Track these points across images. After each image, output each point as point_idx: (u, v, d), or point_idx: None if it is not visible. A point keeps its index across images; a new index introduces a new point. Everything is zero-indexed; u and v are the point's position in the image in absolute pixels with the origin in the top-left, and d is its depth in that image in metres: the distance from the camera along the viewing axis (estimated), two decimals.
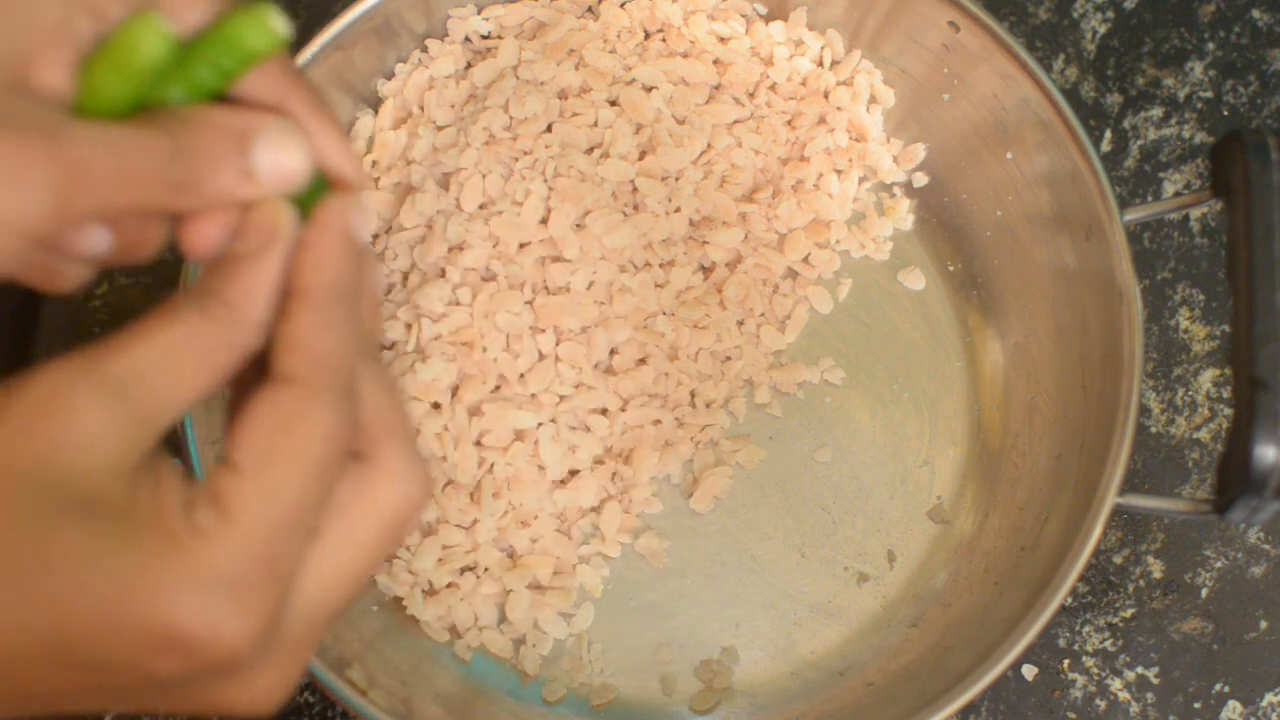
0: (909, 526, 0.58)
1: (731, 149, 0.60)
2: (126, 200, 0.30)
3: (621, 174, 0.58)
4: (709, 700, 0.56)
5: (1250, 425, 0.44)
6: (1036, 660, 0.59)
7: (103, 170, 0.30)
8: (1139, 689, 0.58)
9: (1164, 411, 0.62)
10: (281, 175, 0.32)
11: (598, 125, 0.59)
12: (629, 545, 0.57)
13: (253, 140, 0.32)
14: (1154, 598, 0.59)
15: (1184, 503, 0.50)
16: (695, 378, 0.58)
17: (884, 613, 0.57)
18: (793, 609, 0.57)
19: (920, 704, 0.50)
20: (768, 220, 0.59)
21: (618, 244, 0.57)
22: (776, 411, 0.59)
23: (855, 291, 0.61)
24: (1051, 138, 0.55)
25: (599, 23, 0.60)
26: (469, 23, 0.60)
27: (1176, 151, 0.65)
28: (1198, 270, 0.63)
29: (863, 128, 0.61)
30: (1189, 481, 0.61)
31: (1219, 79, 0.66)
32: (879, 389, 0.60)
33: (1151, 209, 0.54)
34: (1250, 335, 0.45)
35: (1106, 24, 0.67)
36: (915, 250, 0.62)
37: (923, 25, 0.58)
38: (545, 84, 0.59)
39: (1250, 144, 0.47)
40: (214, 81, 0.32)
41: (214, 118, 0.32)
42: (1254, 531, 0.60)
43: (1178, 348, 0.62)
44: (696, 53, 0.60)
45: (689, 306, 0.58)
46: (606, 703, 0.56)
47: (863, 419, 0.60)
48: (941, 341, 0.61)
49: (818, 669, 0.56)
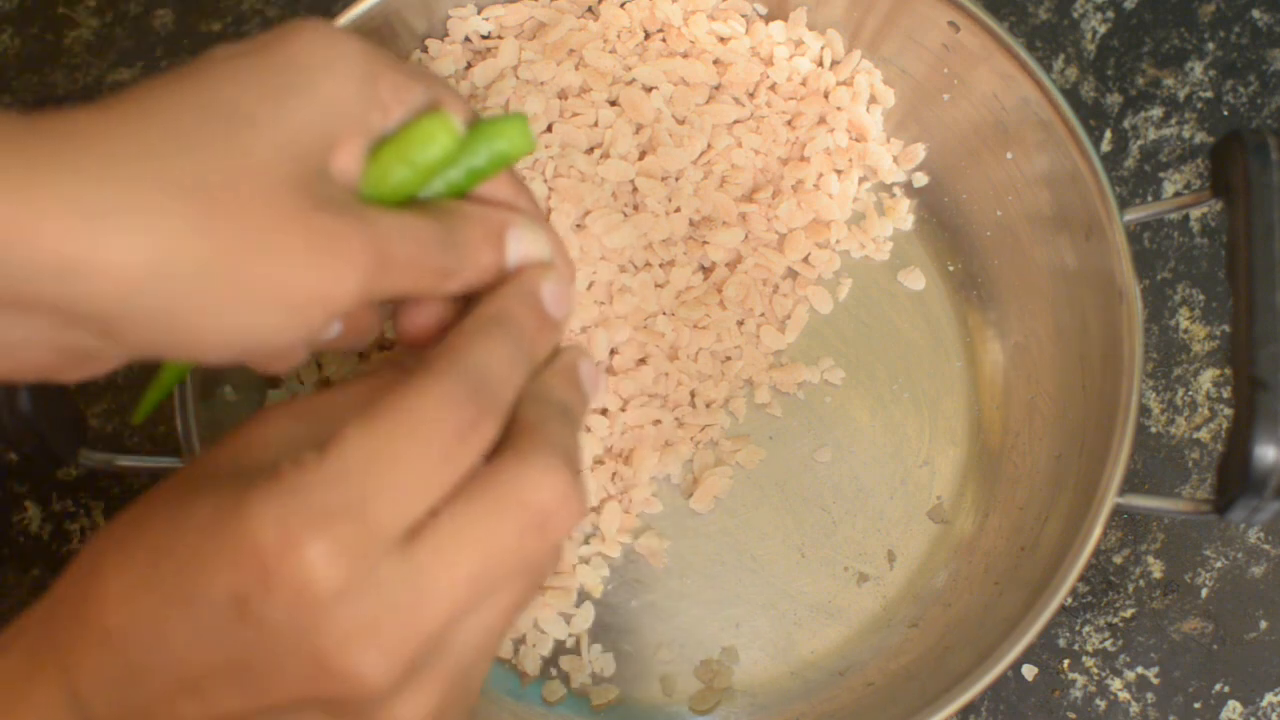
0: (909, 526, 0.58)
1: (731, 149, 0.60)
2: (410, 284, 0.33)
3: (621, 174, 0.58)
4: (709, 700, 0.56)
5: (1250, 425, 0.44)
6: (1036, 660, 0.59)
7: (401, 255, 0.33)
8: (1139, 689, 0.58)
9: (1164, 411, 0.62)
10: (529, 262, 0.36)
11: (598, 125, 0.59)
12: (629, 545, 0.57)
13: (508, 233, 0.36)
14: (1154, 598, 0.59)
15: (1184, 503, 0.50)
16: (695, 378, 0.58)
17: (884, 613, 0.57)
18: (793, 609, 0.57)
19: (920, 704, 0.50)
20: (768, 220, 0.59)
21: (618, 244, 0.57)
22: (776, 411, 0.59)
23: (855, 291, 0.61)
24: (1051, 138, 0.55)
25: (599, 23, 0.60)
26: (469, 23, 0.60)
27: (1176, 151, 0.65)
28: (1198, 270, 0.63)
29: (863, 128, 0.61)
30: (1189, 481, 0.61)
31: (1219, 79, 0.66)
32: (879, 389, 0.60)
33: (1151, 209, 0.54)
34: (1250, 335, 0.45)
35: (1106, 24, 0.67)
36: (915, 250, 0.62)
37: (923, 25, 0.58)
38: (545, 84, 0.59)
39: (1250, 144, 0.47)
40: (464, 182, 0.36)
41: (473, 212, 0.36)
42: (1254, 531, 0.60)
43: (1178, 348, 0.62)
44: (696, 53, 0.60)
45: (689, 306, 0.58)
46: (606, 703, 0.56)
47: (863, 419, 0.60)
48: (941, 341, 0.61)
49: (818, 669, 0.56)
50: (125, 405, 0.60)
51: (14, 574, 0.58)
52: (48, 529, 0.59)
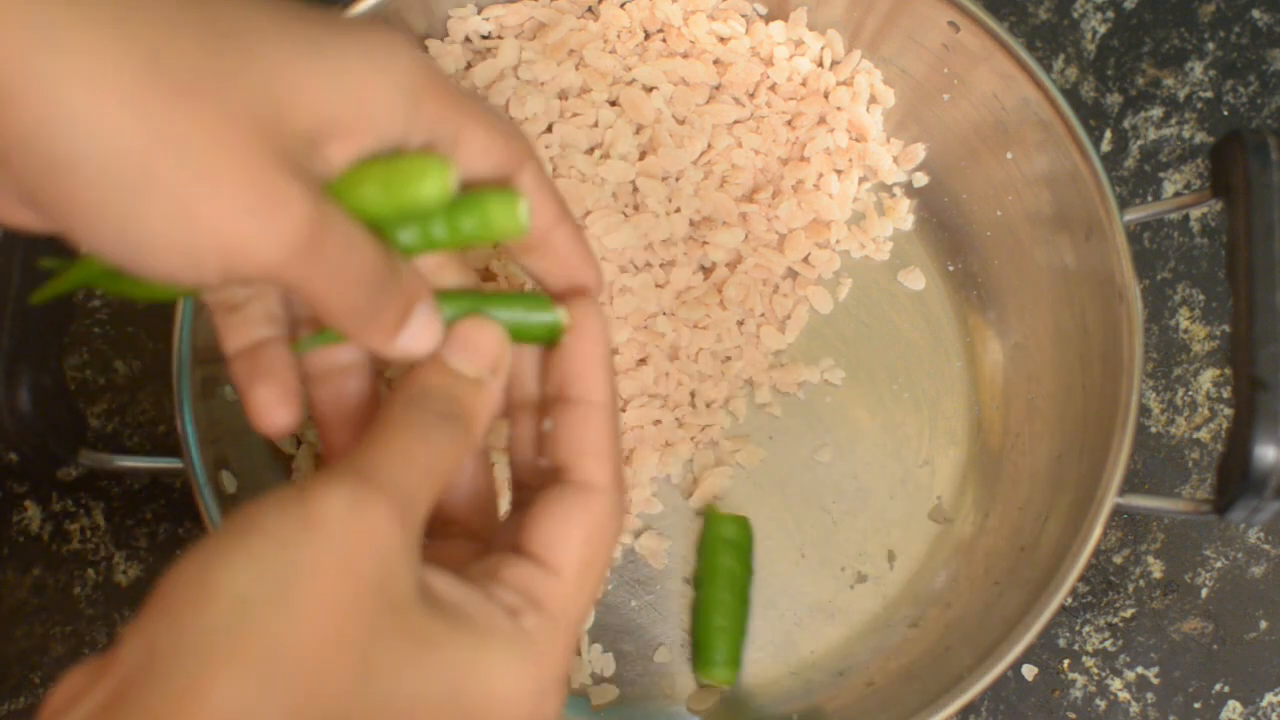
0: (909, 526, 0.58)
1: (732, 149, 0.60)
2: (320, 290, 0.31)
3: (622, 174, 0.58)
4: (709, 700, 0.56)
5: (1250, 425, 0.44)
6: (1036, 660, 0.59)
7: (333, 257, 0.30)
8: (1139, 689, 0.58)
9: (1164, 411, 0.62)
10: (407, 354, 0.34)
11: (598, 125, 0.59)
12: (629, 545, 0.57)
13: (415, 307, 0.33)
14: (1154, 598, 0.59)
15: (1184, 503, 0.50)
16: (695, 378, 0.58)
17: (884, 613, 0.57)
18: (793, 609, 0.57)
19: (920, 704, 0.50)
20: (768, 220, 0.59)
21: (618, 244, 0.57)
22: (776, 411, 0.59)
23: (855, 291, 0.61)
24: (1051, 138, 0.55)
25: (599, 23, 0.60)
26: (469, 23, 0.60)
27: (1176, 151, 0.65)
28: (1198, 270, 0.63)
29: (863, 128, 0.61)
30: (1189, 481, 0.61)
31: (1219, 79, 0.66)
32: (879, 389, 0.60)
33: (1151, 209, 0.54)
34: (1250, 335, 0.45)
35: (1106, 24, 0.67)
36: (915, 250, 0.62)
37: (923, 25, 0.58)
38: (545, 84, 0.59)
39: (1250, 144, 0.47)
40: (445, 240, 0.34)
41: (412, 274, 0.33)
42: (1254, 531, 0.60)
43: (1178, 348, 0.62)
44: (696, 53, 0.60)
45: (689, 307, 0.58)
46: (606, 703, 0.56)
47: (863, 419, 0.60)
48: (941, 341, 0.61)
49: (818, 669, 0.56)
50: (125, 405, 0.60)
51: (14, 574, 0.58)
52: (48, 529, 0.59)
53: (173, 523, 0.59)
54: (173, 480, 0.59)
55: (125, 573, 0.58)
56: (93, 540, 0.59)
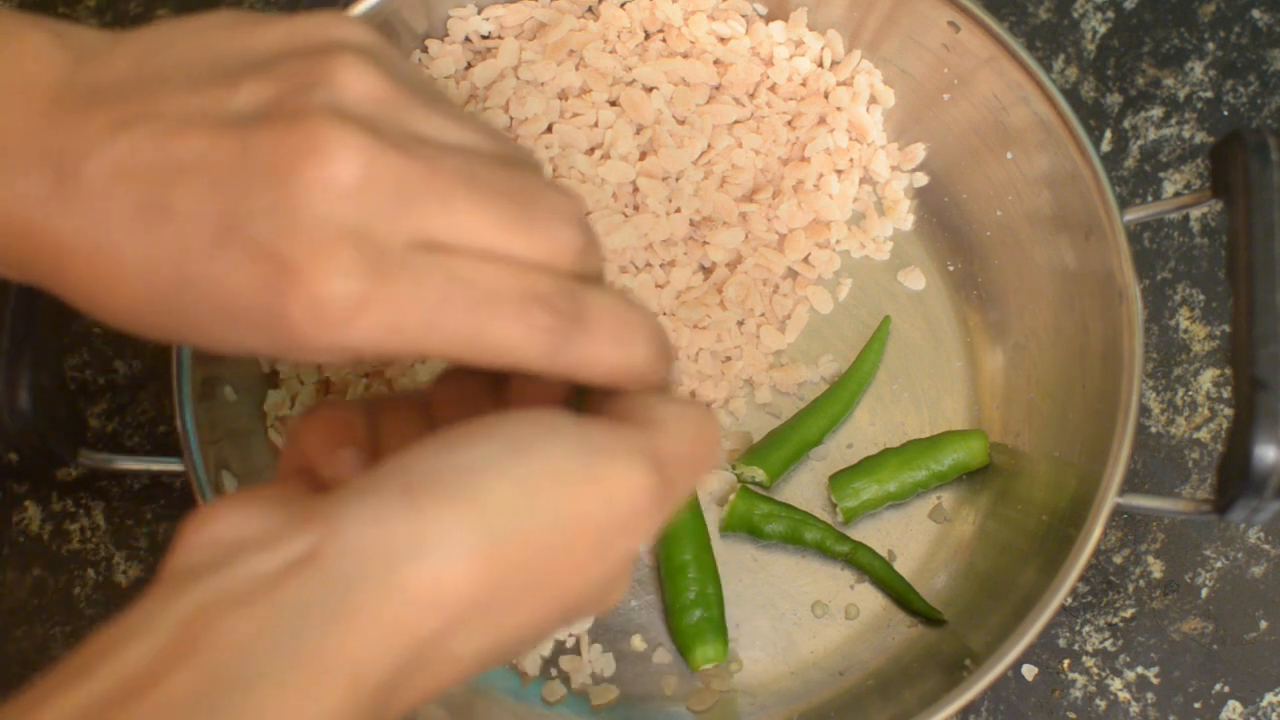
0: (909, 526, 0.58)
1: (732, 149, 0.60)
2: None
3: (622, 175, 0.58)
4: (709, 700, 0.56)
5: (1250, 425, 0.44)
6: (1036, 660, 0.59)
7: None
8: (1139, 689, 0.58)
9: (1164, 411, 0.62)
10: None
11: (598, 126, 0.59)
12: None
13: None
14: (1154, 598, 0.59)
15: (1184, 503, 0.50)
16: (695, 378, 0.58)
17: (884, 613, 0.57)
18: (793, 609, 0.57)
19: (920, 704, 0.50)
20: (768, 220, 0.59)
21: (618, 245, 0.57)
22: (777, 411, 0.59)
23: (855, 291, 0.61)
24: (1051, 138, 0.55)
25: (599, 23, 0.60)
26: (469, 23, 0.60)
27: (1176, 151, 0.65)
28: (1198, 270, 0.63)
29: (863, 128, 0.61)
30: (1189, 481, 0.61)
31: (1219, 79, 0.66)
32: (879, 389, 0.60)
33: (1151, 209, 0.54)
34: (1250, 335, 0.45)
35: (1106, 24, 0.67)
36: (915, 250, 0.62)
37: (923, 25, 0.58)
38: (545, 84, 0.59)
39: (1250, 144, 0.47)
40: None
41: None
42: (1254, 531, 0.60)
43: (1178, 348, 0.62)
44: (697, 53, 0.60)
45: (689, 307, 0.58)
46: (606, 703, 0.56)
47: (863, 419, 0.60)
48: (941, 341, 0.61)
49: (818, 669, 0.56)
50: (125, 405, 0.60)
51: (14, 574, 0.58)
52: (48, 529, 0.59)
53: (173, 523, 0.59)
54: (173, 480, 0.59)
55: (125, 573, 0.58)
56: (93, 540, 0.59)
